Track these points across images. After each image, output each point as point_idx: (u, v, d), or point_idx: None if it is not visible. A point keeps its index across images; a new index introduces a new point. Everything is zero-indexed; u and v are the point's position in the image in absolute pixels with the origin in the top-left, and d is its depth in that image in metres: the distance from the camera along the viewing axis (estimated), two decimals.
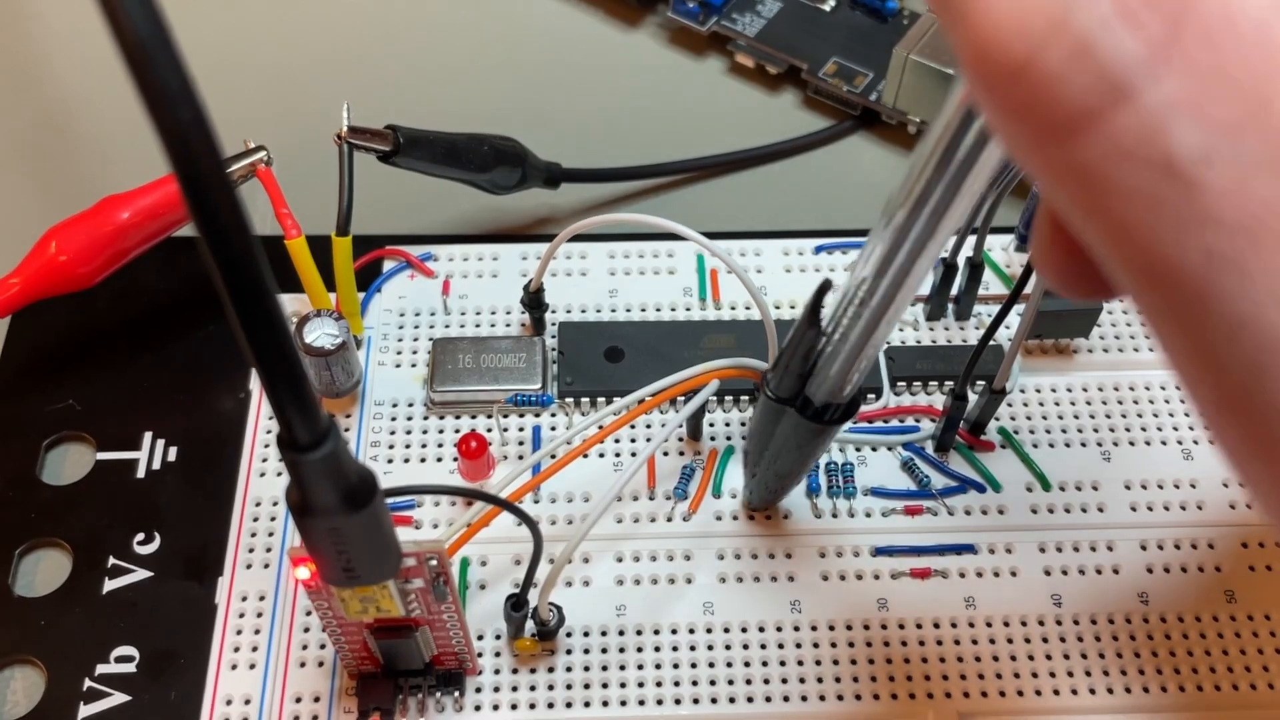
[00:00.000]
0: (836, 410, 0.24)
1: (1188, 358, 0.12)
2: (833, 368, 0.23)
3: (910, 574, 0.28)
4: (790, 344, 0.23)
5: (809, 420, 0.24)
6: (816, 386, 0.24)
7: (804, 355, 0.23)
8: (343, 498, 0.18)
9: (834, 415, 0.24)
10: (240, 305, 0.15)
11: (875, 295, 0.21)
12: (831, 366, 0.23)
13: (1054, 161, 0.12)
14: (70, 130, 0.38)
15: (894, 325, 0.22)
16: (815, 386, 0.24)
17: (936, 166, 0.18)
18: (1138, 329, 0.32)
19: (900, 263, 0.20)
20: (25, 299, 0.29)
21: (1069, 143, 0.12)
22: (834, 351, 0.23)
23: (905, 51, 0.35)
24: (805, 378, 0.24)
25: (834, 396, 0.24)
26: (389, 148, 0.30)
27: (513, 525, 0.28)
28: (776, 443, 0.25)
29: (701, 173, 0.37)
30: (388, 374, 0.31)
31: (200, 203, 0.14)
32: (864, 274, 0.21)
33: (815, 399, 0.24)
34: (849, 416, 0.24)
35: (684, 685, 0.27)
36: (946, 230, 0.19)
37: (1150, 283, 0.12)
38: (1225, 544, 0.29)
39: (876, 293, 0.21)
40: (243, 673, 0.27)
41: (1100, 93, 0.11)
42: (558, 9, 0.42)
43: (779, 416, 0.25)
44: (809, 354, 0.23)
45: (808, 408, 0.24)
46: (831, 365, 0.23)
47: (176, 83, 0.13)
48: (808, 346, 0.23)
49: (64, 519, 0.29)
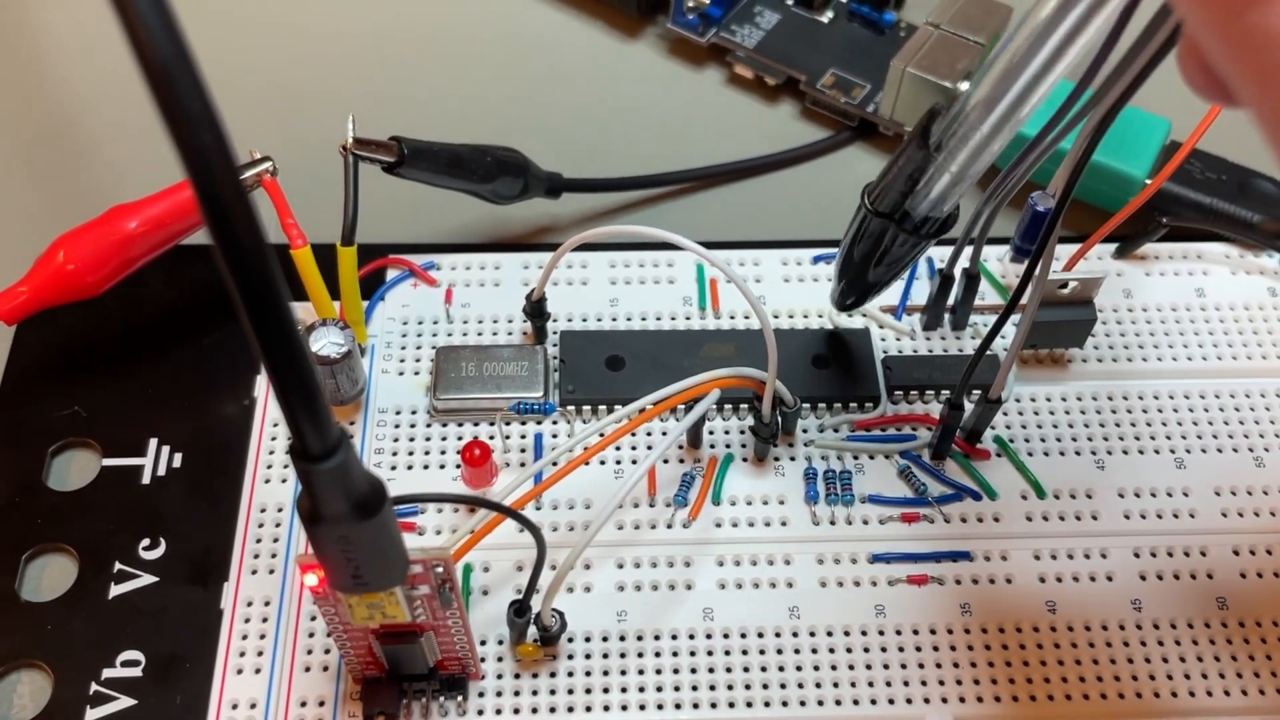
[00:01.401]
0: (934, 224, 0.26)
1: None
2: (936, 186, 0.25)
3: (907, 580, 0.29)
4: (895, 164, 0.26)
5: (908, 233, 0.26)
6: (918, 202, 0.26)
7: (910, 175, 0.25)
8: (353, 506, 0.19)
9: (931, 229, 0.26)
10: (257, 321, 0.15)
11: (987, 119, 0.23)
12: (935, 185, 0.25)
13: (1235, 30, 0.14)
14: (79, 139, 0.38)
15: (1001, 146, 0.24)
16: (916, 202, 0.26)
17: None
18: (1131, 339, 0.33)
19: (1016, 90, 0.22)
20: (33, 307, 0.30)
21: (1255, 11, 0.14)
22: (938, 170, 0.25)
23: (902, 64, 0.36)
24: (907, 195, 0.26)
25: (933, 210, 0.26)
26: (393, 159, 0.30)
27: (515, 532, 0.28)
28: (872, 251, 0.27)
29: (701, 183, 0.38)
30: (391, 382, 0.32)
31: (220, 221, 0.14)
32: (977, 97, 0.23)
33: (915, 213, 0.26)
34: (945, 230, 0.26)
35: (684, 690, 0.27)
36: (1062, 63, 0.21)
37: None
38: (1217, 551, 0.29)
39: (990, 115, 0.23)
40: (248, 677, 0.27)
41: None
42: (559, 21, 0.42)
43: (878, 229, 0.27)
44: (915, 174, 0.25)
45: (906, 221, 0.26)
46: (935, 183, 0.25)
47: (199, 105, 0.13)
48: (914, 167, 0.25)
49: (70, 524, 0.29)
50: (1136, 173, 0.34)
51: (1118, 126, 0.23)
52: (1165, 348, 0.33)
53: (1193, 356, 0.33)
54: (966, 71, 0.36)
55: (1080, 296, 0.31)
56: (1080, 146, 0.24)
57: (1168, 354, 0.33)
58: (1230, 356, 0.33)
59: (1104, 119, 0.23)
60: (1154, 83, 0.21)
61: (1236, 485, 0.30)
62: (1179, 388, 0.32)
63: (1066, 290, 0.31)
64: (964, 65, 0.36)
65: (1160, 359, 0.33)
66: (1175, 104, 0.33)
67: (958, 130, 0.24)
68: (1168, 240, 0.34)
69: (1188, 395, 0.32)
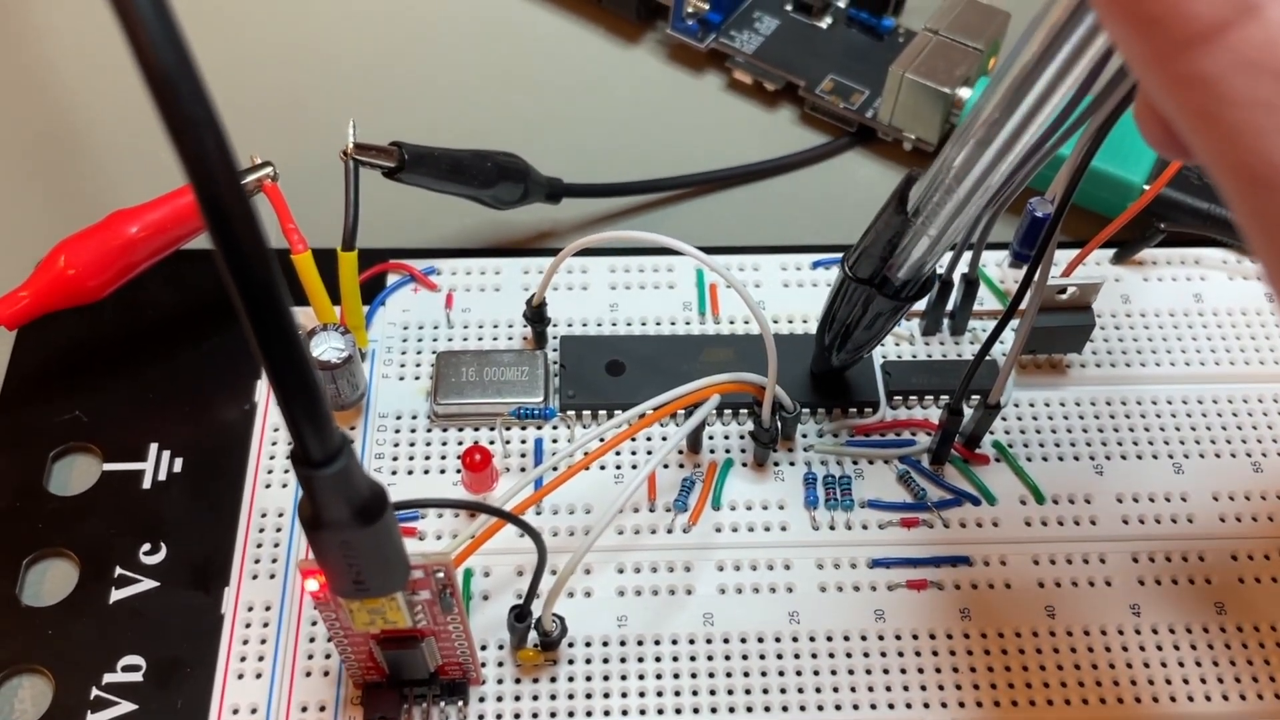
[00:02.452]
0: (914, 287, 0.26)
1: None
2: (915, 250, 0.25)
3: (906, 585, 0.29)
4: (873, 230, 0.25)
5: (888, 298, 0.26)
6: (897, 267, 0.26)
7: (888, 241, 0.25)
8: (354, 512, 0.19)
9: (911, 291, 0.26)
10: (258, 326, 0.15)
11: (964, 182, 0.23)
12: (914, 249, 0.25)
13: (1174, 72, 0.13)
14: (79, 145, 0.38)
15: (979, 208, 0.24)
16: (895, 267, 0.26)
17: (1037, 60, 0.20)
18: (1129, 345, 0.33)
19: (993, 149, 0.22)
20: (34, 312, 0.30)
21: (1193, 53, 0.13)
22: (916, 234, 0.25)
23: (901, 70, 0.36)
24: (886, 260, 0.26)
25: (913, 274, 0.26)
26: (394, 164, 0.30)
27: (515, 537, 0.28)
28: (853, 316, 0.27)
29: (700, 188, 0.38)
30: (392, 386, 0.32)
31: (221, 226, 0.14)
32: (955, 160, 0.23)
33: (895, 278, 0.26)
34: (925, 293, 0.27)
35: (684, 695, 0.27)
36: (1038, 124, 0.21)
37: (1252, 185, 0.13)
38: (1215, 556, 0.29)
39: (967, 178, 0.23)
40: (249, 682, 0.27)
41: (1230, 6, 0.13)
42: (559, 26, 0.42)
43: (859, 295, 0.27)
44: (894, 239, 0.25)
45: (887, 286, 0.26)
46: (914, 247, 0.25)
47: (200, 110, 0.14)
48: (893, 233, 0.25)
49: (71, 529, 0.29)
50: (1135, 178, 0.34)
51: (1116, 132, 0.23)
52: (1163, 353, 0.33)
53: (1191, 362, 0.33)
54: (965, 77, 0.36)
55: (1079, 302, 0.31)
56: (1079, 152, 0.24)
57: (1166, 359, 0.33)
58: (1228, 362, 0.33)
59: (1103, 125, 0.23)
60: None
61: (1235, 490, 0.30)
62: (1177, 393, 0.32)
63: (1065, 296, 0.31)
64: (962, 71, 0.36)
65: (1158, 364, 0.33)
66: None
67: (935, 194, 0.24)
68: (1166, 246, 0.35)
69: (1186, 400, 0.32)
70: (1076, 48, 0.20)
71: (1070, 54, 0.20)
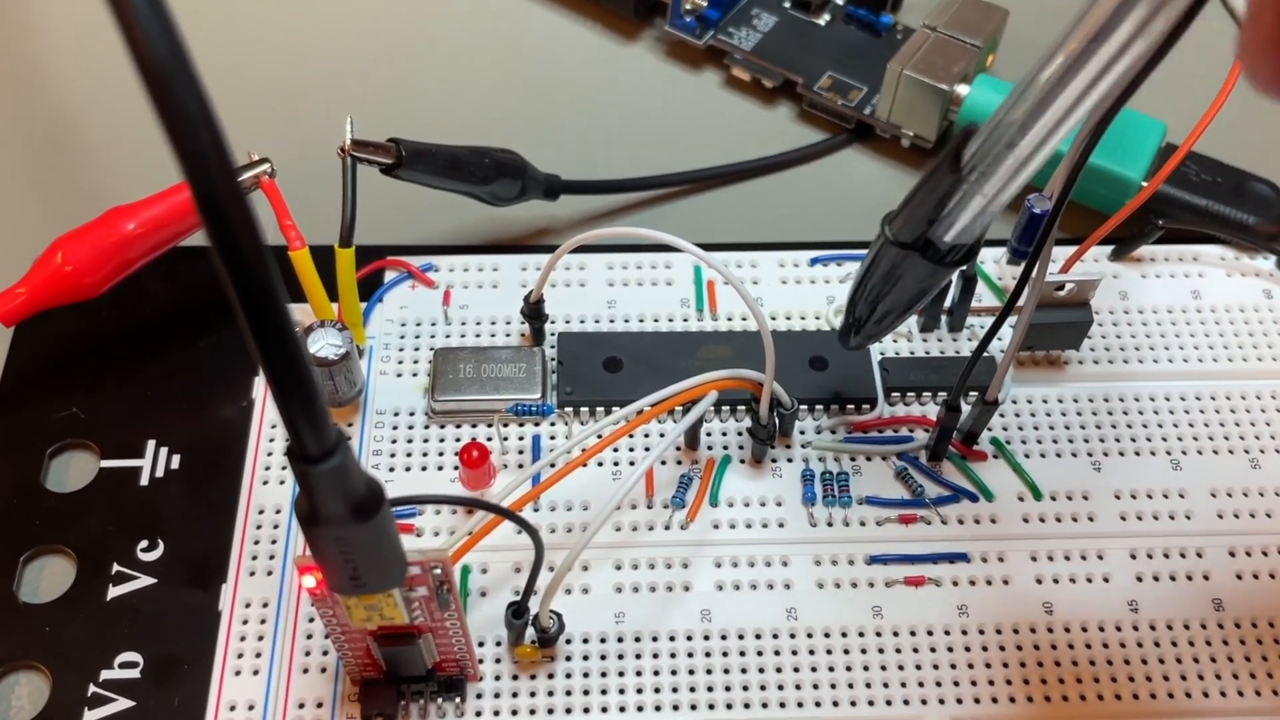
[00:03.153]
0: (960, 251, 0.24)
1: None
2: (966, 210, 0.23)
3: (904, 582, 0.29)
4: (922, 189, 0.23)
5: (931, 262, 0.24)
6: (945, 229, 0.24)
7: (939, 200, 0.23)
8: (351, 508, 0.19)
9: (957, 256, 0.24)
10: (255, 323, 0.15)
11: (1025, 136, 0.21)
12: (965, 209, 0.23)
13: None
14: (77, 141, 0.38)
15: (1038, 167, 0.22)
16: (943, 229, 0.24)
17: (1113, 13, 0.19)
18: (1127, 341, 0.33)
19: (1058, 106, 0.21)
20: (31, 308, 0.30)
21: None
22: (968, 193, 0.23)
23: (899, 67, 0.36)
24: (933, 221, 0.24)
25: (962, 238, 0.24)
26: (391, 161, 0.30)
27: (513, 533, 0.28)
28: (889, 284, 0.25)
29: (698, 184, 0.38)
30: (389, 383, 0.32)
31: (218, 223, 0.14)
32: (1014, 116, 0.21)
33: (941, 241, 0.24)
34: (971, 258, 0.25)
35: (682, 692, 0.27)
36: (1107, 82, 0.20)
37: None
38: (1213, 553, 0.29)
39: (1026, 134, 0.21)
40: (246, 678, 0.27)
41: None
42: (557, 23, 0.42)
43: (898, 260, 0.25)
44: (945, 199, 0.23)
45: (930, 249, 0.24)
46: (965, 208, 0.23)
47: (196, 106, 0.14)
48: (944, 191, 0.23)
49: (68, 526, 0.29)
50: (1133, 175, 0.34)
51: (1114, 129, 0.23)
52: (1161, 350, 0.33)
53: (1189, 358, 0.33)
54: (963, 74, 0.36)
55: (1077, 298, 0.31)
56: (1077, 149, 0.24)
57: (1164, 356, 0.33)
58: (1226, 358, 0.33)
59: (1101, 121, 0.23)
60: (1150, 85, 0.21)
61: (1233, 487, 0.30)
62: (1175, 389, 0.32)
63: (1063, 292, 0.31)
64: (960, 68, 0.36)
65: (1156, 361, 0.33)
66: (1171, 107, 0.33)
67: (992, 150, 0.22)
68: (1164, 242, 0.35)
69: (1184, 397, 0.32)
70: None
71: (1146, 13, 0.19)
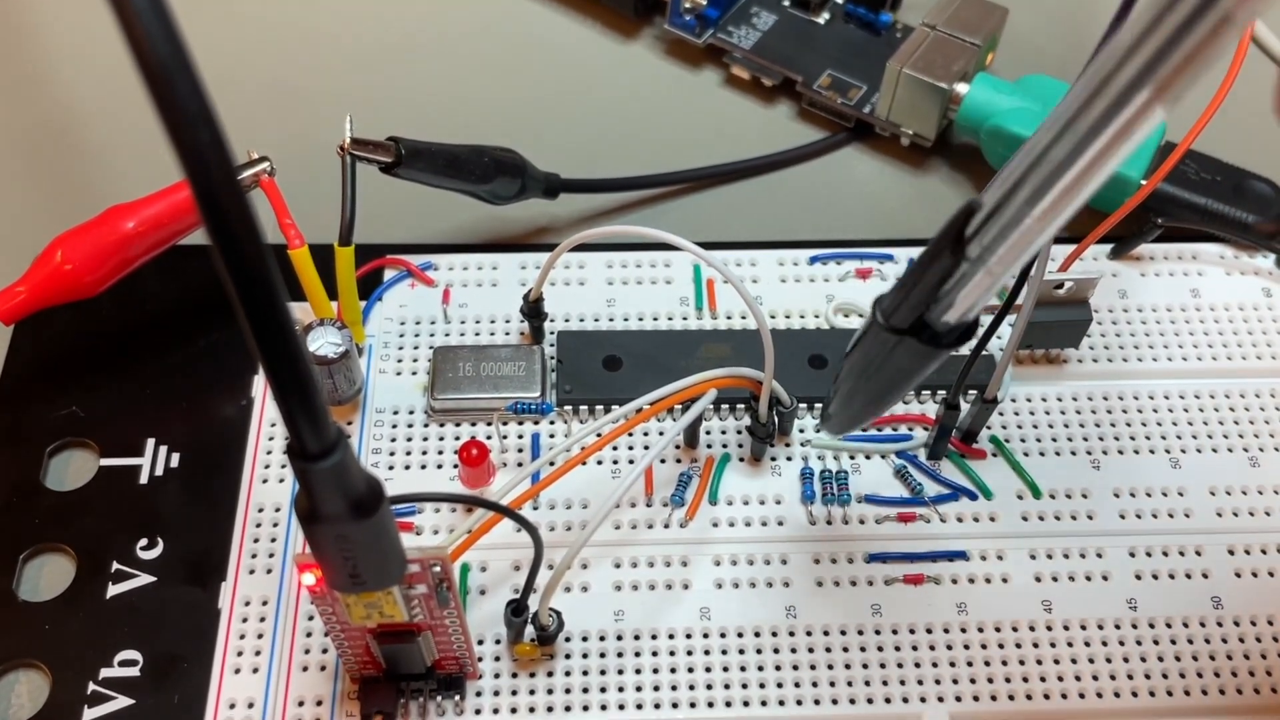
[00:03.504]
0: (957, 333, 0.23)
1: None
2: (967, 289, 0.22)
3: (903, 580, 0.29)
4: (917, 273, 0.22)
5: (928, 345, 0.23)
6: (943, 310, 0.22)
7: (936, 284, 0.22)
8: (350, 506, 0.19)
9: (953, 338, 0.23)
10: (254, 320, 0.15)
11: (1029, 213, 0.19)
12: (965, 288, 0.22)
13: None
14: (76, 139, 0.38)
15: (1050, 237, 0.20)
16: (940, 311, 0.22)
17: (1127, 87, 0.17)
18: (1126, 340, 0.33)
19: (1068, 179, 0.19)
20: (31, 307, 0.30)
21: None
22: (969, 273, 0.21)
23: (899, 65, 0.36)
24: (929, 304, 0.22)
25: (961, 319, 0.22)
26: (391, 159, 0.30)
27: (512, 531, 0.28)
28: (880, 369, 0.24)
29: (698, 183, 0.38)
30: (389, 382, 0.32)
31: (217, 221, 0.14)
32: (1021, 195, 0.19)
33: (939, 323, 0.23)
34: (967, 339, 0.23)
35: (681, 689, 0.27)
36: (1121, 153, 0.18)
37: None
38: (1212, 551, 0.29)
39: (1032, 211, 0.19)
40: (246, 676, 0.27)
41: None
42: (556, 22, 0.42)
43: (891, 345, 0.23)
44: (943, 281, 0.22)
45: (925, 333, 0.23)
46: (961, 289, 0.22)
47: (196, 105, 0.14)
48: (943, 274, 0.22)
49: (68, 524, 0.29)
50: (1132, 174, 0.34)
51: None
52: (1160, 348, 0.33)
53: (1188, 357, 0.33)
54: (962, 73, 0.36)
55: (1076, 297, 0.31)
56: None
57: (1163, 354, 0.33)
58: (1225, 357, 0.33)
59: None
60: None
61: (1231, 485, 0.30)
62: (1174, 388, 0.32)
63: (1062, 291, 0.31)
64: (960, 66, 0.36)
65: (1155, 359, 0.33)
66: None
67: (994, 226, 0.20)
68: (1163, 241, 0.35)
69: (1183, 395, 0.32)
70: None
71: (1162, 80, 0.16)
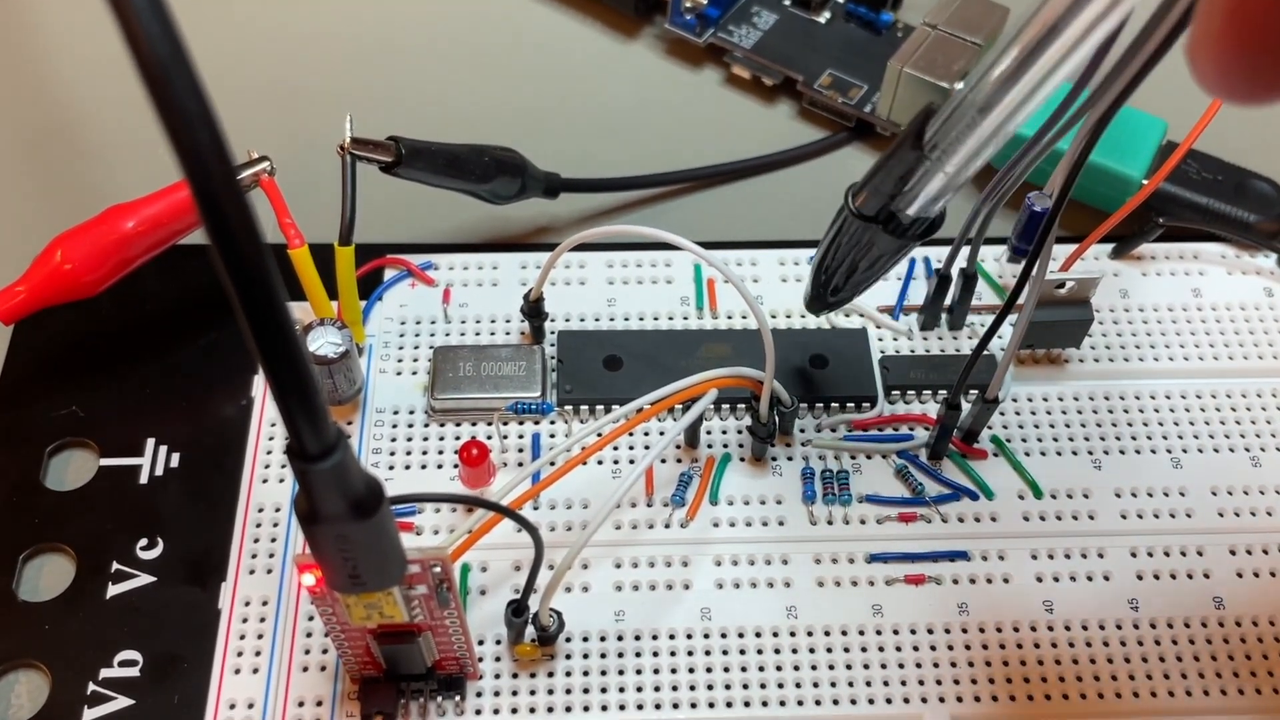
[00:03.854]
0: (922, 225, 0.25)
1: None
2: (928, 186, 0.23)
3: (904, 580, 0.29)
4: (883, 165, 0.24)
5: (894, 235, 0.25)
6: (906, 204, 0.24)
7: (900, 176, 0.23)
8: (350, 506, 0.19)
9: (918, 230, 0.25)
10: (253, 320, 0.15)
11: (987, 119, 0.21)
12: (927, 185, 0.23)
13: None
14: (76, 139, 0.38)
15: (998, 148, 0.22)
16: (904, 204, 0.24)
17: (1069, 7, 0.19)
18: (1128, 339, 0.33)
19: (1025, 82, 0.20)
20: (30, 307, 0.30)
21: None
22: (930, 171, 0.23)
23: (899, 65, 0.36)
24: (895, 196, 0.24)
25: (924, 212, 0.24)
26: (391, 159, 0.30)
27: (513, 531, 0.28)
28: (854, 254, 0.26)
29: (698, 183, 0.38)
30: (389, 381, 0.32)
31: (216, 221, 0.14)
32: (976, 97, 0.21)
33: (904, 215, 0.24)
34: (933, 232, 0.25)
35: (682, 690, 0.27)
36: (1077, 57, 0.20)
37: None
38: (1214, 551, 0.29)
39: (989, 116, 0.21)
40: (246, 677, 0.27)
41: None
42: (557, 21, 0.42)
43: (861, 232, 0.25)
44: (906, 175, 0.23)
45: (892, 223, 0.24)
46: (927, 183, 0.23)
47: (195, 104, 0.13)
48: (906, 168, 0.23)
49: (67, 524, 0.29)
50: (1133, 173, 0.34)
51: (1114, 127, 0.23)
52: (1162, 348, 0.33)
53: (1189, 356, 0.33)
54: (963, 72, 0.36)
55: (1077, 296, 0.31)
56: (1077, 147, 0.24)
57: (1164, 354, 0.33)
58: (1227, 357, 0.33)
59: (1101, 119, 0.23)
60: (1151, 83, 0.21)
61: (1233, 485, 0.30)
62: (1176, 388, 0.32)
63: (1063, 290, 0.31)
64: (961, 66, 0.36)
65: (1157, 359, 0.33)
66: (1172, 104, 0.33)
67: (953, 130, 0.23)
68: (1164, 240, 0.35)
69: (1184, 395, 0.32)
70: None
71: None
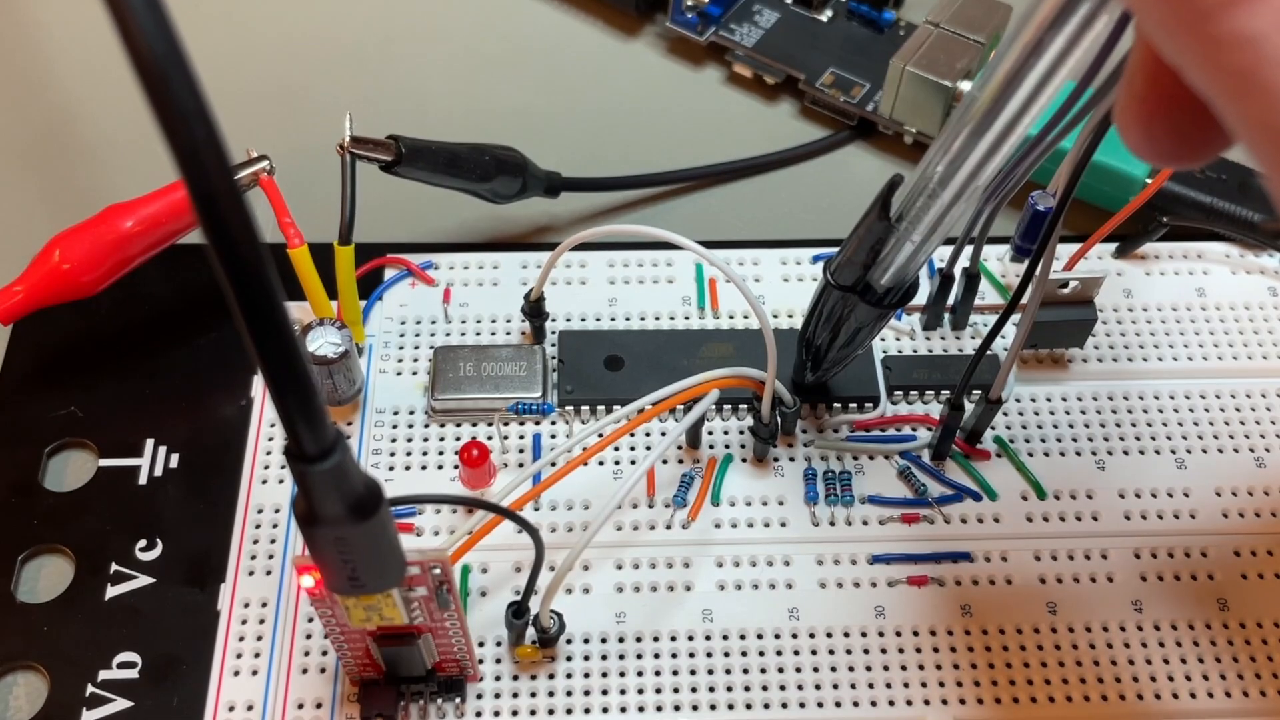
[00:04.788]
0: (897, 294, 0.25)
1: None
2: (898, 256, 0.24)
3: (907, 581, 0.29)
4: (856, 237, 0.25)
5: (871, 305, 0.25)
6: (881, 273, 0.25)
7: (871, 247, 0.24)
8: (349, 508, 0.18)
9: (894, 299, 0.25)
10: (251, 320, 0.15)
11: (949, 185, 0.22)
12: (898, 254, 0.24)
13: (1209, 34, 0.13)
14: (74, 139, 0.38)
15: (963, 213, 0.23)
16: (879, 274, 0.25)
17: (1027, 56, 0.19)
18: (1132, 339, 0.33)
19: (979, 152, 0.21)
20: (29, 307, 0.30)
21: (1232, 12, 0.13)
22: (900, 240, 0.24)
23: (902, 63, 0.36)
24: (869, 267, 0.25)
25: (897, 281, 0.25)
26: (391, 158, 0.30)
27: (513, 532, 0.28)
28: (836, 324, 0.27)
29: (700, 182, 0.38)
30: (389, 382, 0.32)
31: (214, 220, 0.14)
32: (938, 168, 0.22)
33: (878, 285, 0.25)
34: (908, 300, 0.26)
35: (683, 692, 0.27)
36: (1026, 123, 0.20)
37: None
38: (1218, 552, 0.29)
39: (951, 182, 0.22)
40: (245, 679, 0.27)
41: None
42: (558, 20, 0.42)
43: (840, 303, 0.26)
44: (877, 245, 0.24)
45: (870, 293, 0.25)
46: (898, 253, 0.24)
47: (192, 103, 0.13)
48: (876, 239, 0.24)
49: (66, 525, 0.29)
50: (1137, 172, 0.34)
51: None
52: (1166, 348, 0.33)
53: (1193, 356, 0.33)
54: (966, 70, 0.36)
55: (1080, 296, 0.31)
56: (1081, 146, 0.24)
57: (1168, 354, 0.33)
58: (1231, 356, 0.33)
59: (1105, 118, 0.23)
60: None
61: (1237, 486, 0.30)
62: (1180, 388, 0.32)
63: (1067, 290, 0.31)
64: (963, 64, 0.36)
65: (1161, 359, 0.32)
66: None
67: (919, 199, 0.23)
68: (1168, 240, 0.34)
69: (1188, 395, 0.32)
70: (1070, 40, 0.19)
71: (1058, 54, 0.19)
